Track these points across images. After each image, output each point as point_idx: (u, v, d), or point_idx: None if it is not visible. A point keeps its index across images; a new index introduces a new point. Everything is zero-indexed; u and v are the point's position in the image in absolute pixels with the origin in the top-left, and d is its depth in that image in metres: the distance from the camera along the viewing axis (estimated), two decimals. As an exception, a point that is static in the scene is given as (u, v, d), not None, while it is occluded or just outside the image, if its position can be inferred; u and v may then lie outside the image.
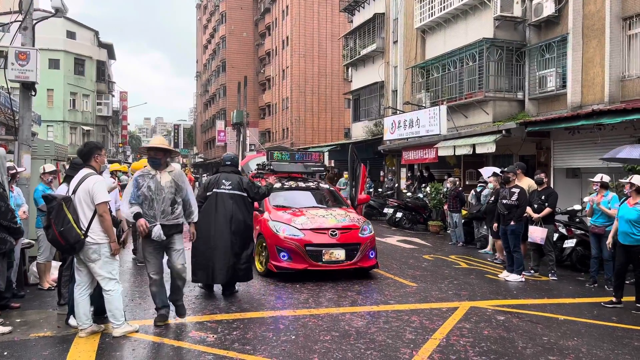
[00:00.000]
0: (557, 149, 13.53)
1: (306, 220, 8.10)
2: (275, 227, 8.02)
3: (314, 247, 7.78)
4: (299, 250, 7.73)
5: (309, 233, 7.87)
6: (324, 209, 8.86)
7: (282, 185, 9.34)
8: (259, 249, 8.34)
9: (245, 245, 6.97)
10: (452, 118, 17.06)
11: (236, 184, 7.00)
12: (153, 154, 5.67)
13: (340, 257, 7.86)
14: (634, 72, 12.59)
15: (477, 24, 16.68)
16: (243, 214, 6.94)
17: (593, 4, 13.25)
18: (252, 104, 54.67)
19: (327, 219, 8.25)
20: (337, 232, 7.99)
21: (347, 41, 28.48)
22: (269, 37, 54.11)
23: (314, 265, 7.75)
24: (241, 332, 5.35)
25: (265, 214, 8.50)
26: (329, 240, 7.90)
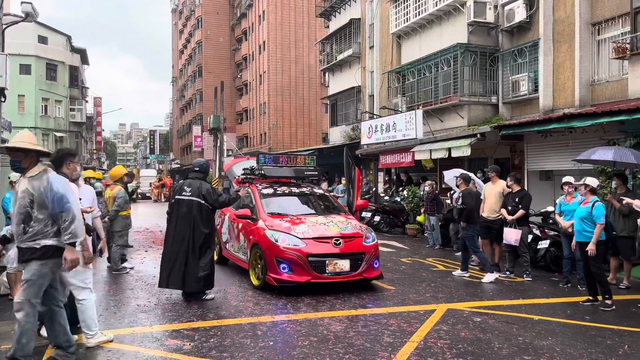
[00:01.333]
0: (531, 152, 13.78)
1: (307, 228, 7.53)
2: (273, 237, 7.42)
3: (317, 257, 7.22)
4: (300, 261, 7.14)
5: (311, 242, 7.30)
6: (323, 215, 8.27)
7: (274, 190, 8.87)
8: (253, 260, 7.84)
9: (203, 253, 6.87)
10: (428, 122, 17.24)
11: (195, 190, 6.96)
12: (13, 155, 4.38)
13: (344, 268, 7.33)
14: (603, 77, 12.92)
15: (452, 29, 16.92)
16: (200, 221, 6.86)
17: (563, 10, 13.57)
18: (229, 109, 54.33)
19: (328, 227, 7.69)
20: (341, 240, 7.44)
21: (324, 46, 28.59)
22: (245, 42, 53.94)
23: (317, 277, 7.18)
24: (218, 340, 5.29)
25: (260, 222, 7.92)
26: (333, 250, 7.33)
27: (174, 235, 6.94)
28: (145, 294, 7.38)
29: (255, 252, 7.76)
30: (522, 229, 8.83)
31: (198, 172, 7.25)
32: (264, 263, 7.43)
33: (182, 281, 6.82)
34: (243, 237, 8.38)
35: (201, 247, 6.88)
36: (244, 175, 9.88)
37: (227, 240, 9.37)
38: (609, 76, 12.73)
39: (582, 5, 12.96)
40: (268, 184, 9.12)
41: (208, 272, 6.87)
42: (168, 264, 6.90)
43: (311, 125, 47.78)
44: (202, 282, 6.85)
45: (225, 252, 9.55)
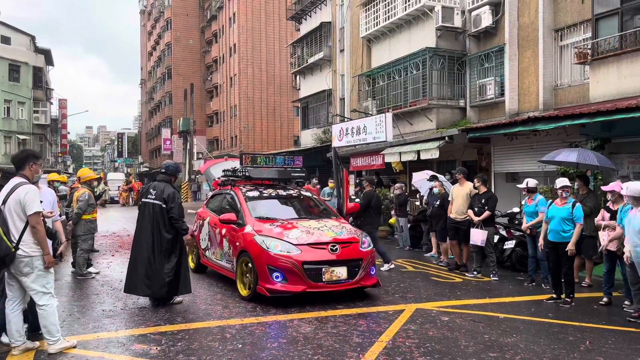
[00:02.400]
0: (497, 154, 14.07)
1: (300, 233, 7.03)
2: (265, 243, 6.86)
3: (313, 264, 6.70)
4: (295, 269, 6.61)
5: (305, 249, 6.80)
6: (315, 220, 7.73)
7: (260, 193, 8.28)
8: (241, 268, 7.26)
9: (167, 258, 6.71)
10: (398, 125, 17.43)
11: (159, 193, 6.81)
12: None
13: (342, 276, 6.84)
14: (565, 81, 13.30)
15: (421, 33, 17.16)
16: (162, 225, 6.72)
17: (527, 16, 13.93)
18: (200, 111, 53.82)
19: (323, 232, 7.18)
20: (338, 246, 6.95)
21: (295, 49, 28.61)
22: (215, 44, 53.54)
23: (313, 286, 6.66)
24: (186, 343, 5.21)
25: (248, 227, 7.33)
26: (329, 257, 6.84)
27: (139, 239, 6.81)
28: (111, 299, 7.23)
29: (243, 260, 7.20)
30: (488, 229, 9.00)
31: (165, 174, 7.10)
32: (254, 272, 6.84)
33: (147, 287, 6.66)
34: (227, 243, 7.79)
35: (165, 252, 6.71)
36: (224, 177, 9.24)
37: (206, 247, 8.72)
38: (571, 81, 13.12)
39: (546, 12, 13.33)
40: (252, 186, 8.56)
41: (172, 277, 6.69)
42: (133, 269, 6.76)
43: (282, 128, 47.73)
44: (167, 288, 6.68)
45: (204, 260, 8.88)
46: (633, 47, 10.48)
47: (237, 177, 8.90)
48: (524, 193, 8.68)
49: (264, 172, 8.87)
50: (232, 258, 7.55)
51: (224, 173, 9.30)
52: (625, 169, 10.79)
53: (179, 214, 6.78)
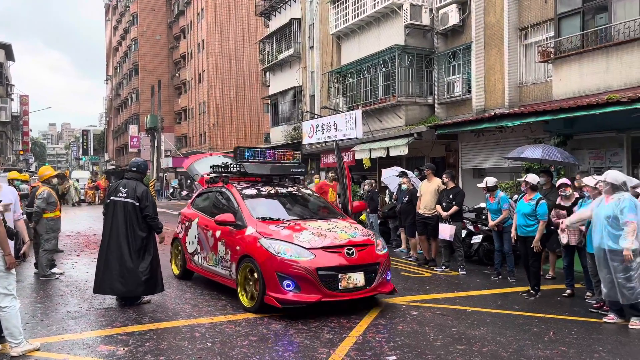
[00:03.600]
0: (465, 151, 14.33)
1: (312, 236, 6.32)
2: (273, 247, 6.13)
3: (328, 271, 6.02)
4: (309, 276, 5.91)
5: (319, 253, 6.11)
6: (322, 220, 7.05)
7: (258, 191, 7.52)
8: (243, 275, 6.50)
9: (142, 257, 6.62)
10: (368, 122, 17.53)
11: (131, 192, 6.69)
12: None
13: (359, 283, 6.18)
14: (530, 79, 13.63)
15: (389, 31, 17.29)
16: (136, 224, 6.62)
17: (493, 14, 14.20)
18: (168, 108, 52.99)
19: (336, 234, 6.49)
20: (354, 250, 6.27)
21: (264, 45, 28.43)
22: (183, 40, 52.76)
23: (329, 295, 5.98)
24: (154, 343, 5.13)
25: (249, 229, 6.60)
26: (346, 262, 6.16)
27: (110, 238, 6.64)
28: (76, 300, 7.05)
29: (246, 267, 6.44)
30: (456, 224, 9.15)
31: (135, 172, 6.97)
32: (261, 280, 6.10)
33: (122, 285, 6.52)
34: (223, 247, 6.98)
35: (139, 251, 6.61)
36: (213, 173, 8.32)
37: (195, 251, 7.86)
38: (535, 78, 13.45)
39: (511, 11, 13.61)
40: (248, 183, 7.79)
41: (149, 276, 6.60)
42: (104, 269, 6.58)
43: (252, 125, 47.44)
44: (143, 287, 6.58)
45: (191, 265, 8.04)
46: (594, 46, 10.81)
47: (230, 173, 8.02)
48: (485, 192, 8.84)
49: (262, 167, 8.01)
50: (230, 264, 6.77)
51: (213, 169, 8.39)
52: (586, 164, 11.14)
53: (154, 212, 6.71)
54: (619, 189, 5.88)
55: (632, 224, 5.58)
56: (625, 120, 9.59)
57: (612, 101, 8.93)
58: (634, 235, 5.58)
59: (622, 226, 5.66)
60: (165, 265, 9.01)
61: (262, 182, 7.99)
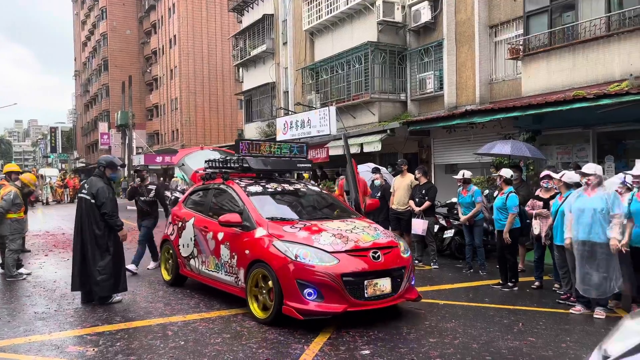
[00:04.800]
0: (437, 147, 14.51)
1: (333, 238, 5.69)
2: (290, 251, 5.48)
3: (353, 277, 5.40)
4: (334, 283, 5.28)
5: (344, 257, 5.47)
6: (338, 220, 6.42)
7: (263, 189, 6.84)
8: (254, 282, 5.82)
9: (101, 256, 6.53)
10: (341, 119, 17.57)
11: (90, 189, 6.67)
12: None
13: (386, 289, 5.59)
14: (500, 76, 13.86)
15: (362, 27, 17.35)
16: (93, 221, 6.55)
17: (464, 12, 14.38)
18: (139, 104, 52.10)
19: (359, 235, 5.88)
20: (380, 253, 5.68)
21: (237, 41, 28.19)
22: (154, 35, 51.90)
23: (355, 304, 5.36)
24: (125, 343, 5.05)
25: (260, 230, 5.94)
26: (372, 266, 5.54)
27: (75, 235, 6.72)
28: (44, 301, 6.89)
29: (258, 273, 5.77)
30: (428, 219, 9.25)
31: (99, 169, 6.93)
32: (277, 288, 5.43)
33: (81, 285, 6.57)
34: (228, 251, 6.29)
35: (98, 249, 6.55)
36: (210, 168, 7.63)
37: (191, 255, 7.14)
38: (505, 75, 13.69)
39: (481, 9, 13.81)
40: (251, 180, 7.10)
41: (107, 275, 6.51)
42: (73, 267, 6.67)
43: (226, 122, 47.05)
44: (99, 287, 6.50)
45: (186, 271, 7.31)
46: (561, 43, 11.05)
47: (230, 168, 7.32)
48: (459, 184, 8.96)
49: (266, 162, 7.24)
50: (238, 270, 6.07)
51: (209, 164, 7.67)
52: (554, 159, 11.40)
53: (112, 209, 6.59)
54: (601, 183, 6.05)
55: (620, 216, 5.75)
56: (591, 117, 9.85)
57: (578, 98, 9.16)
58: (620, 228, 5.74)
59: (610, 218, 5.81)
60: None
61: (265, 179, 7.29)
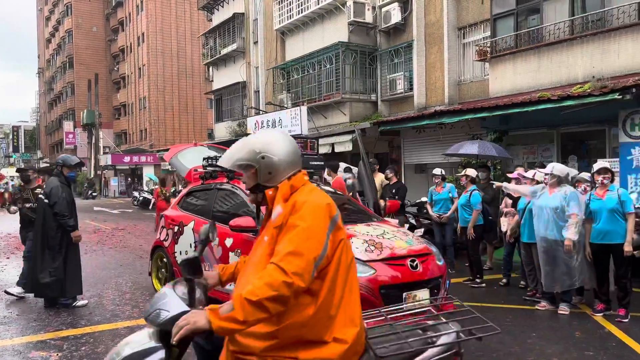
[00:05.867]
0: (407, 147, 14.65)
1: (365, 244, 5.08)
2: None
3: (392, 289, 4.88)
4: (371, 296, 4.72)
5: (380, 267, 4.91)
6: (362, 223, 5.80)
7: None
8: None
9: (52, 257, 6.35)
10: (313, 118, 17.57)
11: (46, 188, 6.55)
12: None
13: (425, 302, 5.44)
14: (468, 77, 14.10)
15: (333, 28, 17.39)
16: (47, 221, 6.39)
17: (433, 14, 14.57)
18: (106, 103, 51.04)
19: (392, 241, 5.27)
20: (417, 261, 5.12)
21: (207, 40, 27.88)
22: (122, 32, 50.91)
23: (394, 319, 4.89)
24: (90, 347, 4.92)
25: None
26: (411, 276, 5.00)
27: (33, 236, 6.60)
28: (4, 305, 6.65)
29: None
30: (399, 218, 9.32)
31: (57, 168, 6.75)
32: None
33: (30, 287, 6.45)
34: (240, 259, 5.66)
35: (51, 250, 6.37)
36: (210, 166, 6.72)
37: None
38: (473, 77, 13.93)
39: (450, 11, 14.02)
40: None
41: (55, 278, 6.31)
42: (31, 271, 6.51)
43: (195, 121, 46.51)
44: (50, 289, 6.32)
45: None
46: (526, 46, 11.31)
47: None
48: (437, 181, 9.06)
49: None
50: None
51: (208, 161, 6.79)
52: (520, 159, 11.66)
53: (64, 208, 6.37)
54: (563, 182, 6.18)
55: (576, 216, 5.88)
56: (555, 117, 10.11)
57: (543, 99, 9.39)
58: (576, 227, 5.87)
59: (566, 218, 5.94)
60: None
61: None
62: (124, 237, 13.68)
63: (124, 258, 10.17)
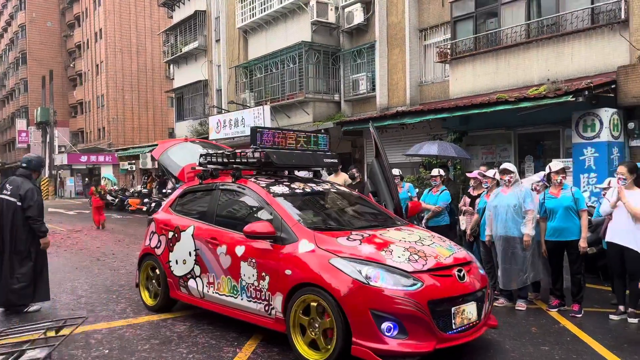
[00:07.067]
0: (369, 147, 14.75)
1: (406, 253, 4.45)
2: (359, 271, 4.20)
3: (441, 303, 4.24)
4: (420, 313, 4.08)
5: (427, 279, 4.27)
6: (392, 227, 5.18)
7: (291, 190, 5.45)
8: (299, 312, 4.49)
9: (20, 262, 6.10)
10: (276, 118, 17.49)
11: (15, 190, 6.15)
12: None
13: (472, 317, 4.45)
14: (429, 78, 14.32)
15: (296, 27, 17.35)
16: (19, 225, 6.10)
17: (395, 15, 14.73)
18: (61, 100, 49.43)
19: (434, 249, 4.67)
20: (464, 271, 4.55)
21: (168, 37, 27.37)
22: (78, 28, 49.42)
23: (444, 340, 4.18)
24: (43, 354, 4.72)
25: (303, 243, 4.61)
26: (459, 289, 4.40)
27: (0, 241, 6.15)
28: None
29: (306, 301, 4.43)
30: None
31: (24, 169, 6.39)
32: (341, 321, 4.14)
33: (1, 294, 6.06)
34: (254, 270, 4.90)
35: (19, 255, 6.09)
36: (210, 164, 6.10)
37: (190, 274, 5.64)
38: (434, 78, 14.16)
39: (411, 13, 14.21)
40: (270, 179, 5.76)
41: (26, 283, 6.08)
42: None
43: (156, 120, 45.61)
44: (17, 295, 6.06)
45: (181, 294, 5.80)
46: (485, 48, 11.58)
47: (244, 164, 5.86)
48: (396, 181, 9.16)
49: (293, 157, 5.83)
50: (269, 296, 4.74)
51: (207, 158, 6.11)
52: (480, 159, 11.93)
53: (38, 213, 6.12)
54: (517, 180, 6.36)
55: (533, 211, 6.05)
56: (512, 118, 10.39)
57: (501, 100, 9.63)
58: (533, 223, 6.03)
59: (523, 214, 6.10)
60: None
61: (286, 177, 6.12)
62: (80, 239, 13.25)
63: (80, 261, 9.85)
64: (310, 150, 6.11)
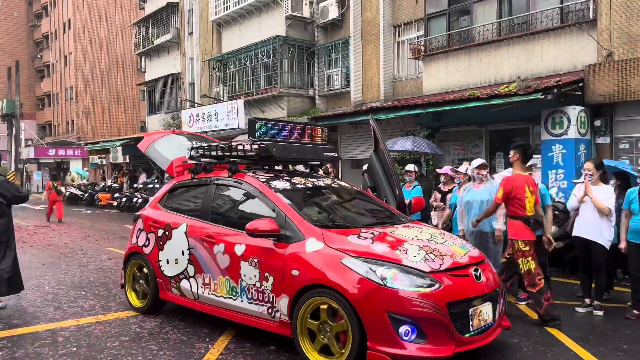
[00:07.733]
0: (344, 142, 14.80)
1: (422, 252, 4.24)
2: (374, 272, 3.97)
3: (459, 304, 4.05)
4: (439, 315, 3.89)
5: (444, 279, 4.08)
6: (401, 225, 4.95)
7: (293, 185, 5.20)
8: (307, 315, 4.23)
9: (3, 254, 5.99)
10: (250, 112, 17.35)
11: None
12: None
13: (488, 318, 4.30)
14: (403, 74, 14.41)
15: (271, 21, 17.22)
16: None
17: (370, 11, 14.76)
18: (28, 92, 48.06)
19: (448, 247, 4.47)
20: (480, 270, 4.37)
21: (139, 29, 26.84)
22: (46, 18, 48.05)
23: (462, 343, 4.00)
24: (8, 352, 4.59)
25: (311, 242, 4.35)
26: (477, 289, 4.23)
27: None
28: None
29: (315, 303, 4.19)
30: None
31: None
32: (356, 325, 3.91)
33: None
34: (256, 271, 4.62)
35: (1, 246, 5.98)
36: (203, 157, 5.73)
37: (183, 275, 5.34)
38: (407, 74, 14.26)
39: (386, 9, 14.26)
40: (269, 172, 5.52)
41: (12, 273, 5.99)
42: None
43: (127, 113, 44.75)
44: (6, 286, 5.95)
45: (171, 295, 5.50)
46: (458, 45, 11.70)
47: (242, 157, 5.48)
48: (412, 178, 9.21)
49: (290, 149, 5.50)
50: (273, 298, 4.48)
51: (199, 151, 5.75)
52: (452, 155, 12.08)
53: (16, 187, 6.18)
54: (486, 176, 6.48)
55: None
56: (484, 115, 10.54)
57: (473, 97, 9.76)
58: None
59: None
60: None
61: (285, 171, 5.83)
62: (47, 235, 12.92)
63: (47, 257, 9.60)
64: (311, 143, 5.87)
